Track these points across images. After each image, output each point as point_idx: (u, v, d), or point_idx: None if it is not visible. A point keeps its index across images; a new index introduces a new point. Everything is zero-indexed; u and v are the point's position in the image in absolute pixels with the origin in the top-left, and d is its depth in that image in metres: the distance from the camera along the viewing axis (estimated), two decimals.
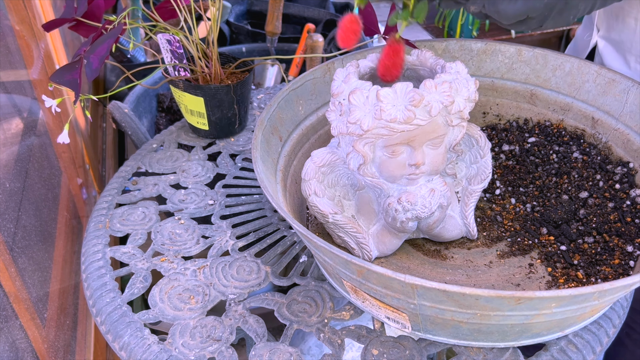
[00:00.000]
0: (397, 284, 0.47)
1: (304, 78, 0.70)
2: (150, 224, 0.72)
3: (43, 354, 0.73)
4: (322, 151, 0.59)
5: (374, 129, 0.53)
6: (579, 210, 0.65)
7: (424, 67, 0.59)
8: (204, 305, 0.61)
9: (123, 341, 0.58)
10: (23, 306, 0.69)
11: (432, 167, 0.57)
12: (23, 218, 0.75)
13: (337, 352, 0.56)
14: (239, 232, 0.71)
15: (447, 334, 0.54)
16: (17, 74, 0.90)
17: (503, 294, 0.44)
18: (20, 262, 0.70)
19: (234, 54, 1.29)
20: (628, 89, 0.66)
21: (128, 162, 0.84)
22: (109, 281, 0.64)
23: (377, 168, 0.57)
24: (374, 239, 0.62)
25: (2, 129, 0.76)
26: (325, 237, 0.65)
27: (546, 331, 0.53)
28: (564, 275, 0.59)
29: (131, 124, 1.00)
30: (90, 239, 0.70)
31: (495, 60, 0.75)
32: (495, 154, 0.74)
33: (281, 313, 0.60)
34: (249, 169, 0.83)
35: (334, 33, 1.34)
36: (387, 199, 0.58)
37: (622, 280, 0.44)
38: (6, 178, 0.72)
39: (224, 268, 0.66)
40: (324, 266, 0.61)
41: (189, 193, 0.78)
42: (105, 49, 0.64)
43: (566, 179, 0.69)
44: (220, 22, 0.94)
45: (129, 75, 0.75)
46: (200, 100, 0.82)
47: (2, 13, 0.87)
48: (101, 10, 0.71)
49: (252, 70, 0.86)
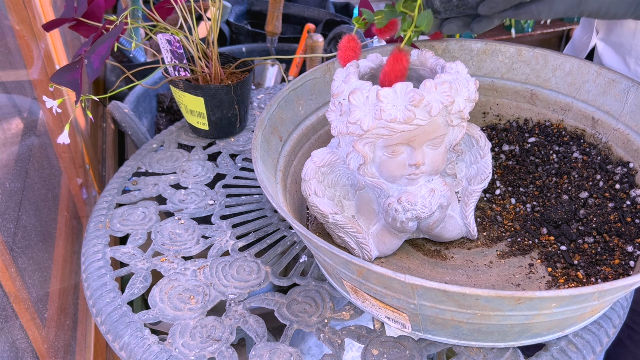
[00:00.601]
0: (397, 284, 0.47)
1: (304, 78, 0.70)
2: (150, 224, 0.72)
3: (43, 354, 0.73)
4: (322, 151, 0.59)
5: (374, 129, 0.53)
6: (579, 210, 0.65)
7: (424, 67, 0.59)
8: (204, 305, 0.61)
9: (123, 341, 0.58)
10: (23, 306, 0.69)
11: (432, 167, 0.57)
12: (23, 218, 0.75)
13: (337, 352, 0.56)
14: (239, 232, 0.71)
15: (447, 334, 0.54)
16: (17, 74, 0.90)
17: (503, 294, 0.44)
18: (20, 262, 0.70)
19: (234, 54, 1.29)
20: (628, 89, 0.66)
21: (128, 162, 0.84)
22: (109, 281, 0.64)
23: (377, 168, 0.57)
24: (374, 239, 0.62)
25: (2, 129, 0.76)
26: (325, 237, 0.65)
27: (546, 331, 0.53)
28: (564, 275, 0.59)
29: (131, 124, 1.00)
30: (90, 239, 0.70)
31: (495, 60, 0.75)
32: (495, 154, 0.74)
33: (281, 313, 0.60)
34: (249, 169, 0.83)
35: (334, 33, 1.34)
36: (387, 199, 0.58)
37: (622, 280, 0.44)
38: (6, 178, 0.72)
39: (224, 268, 0.66)
40: (324, 266, 0.61)
41: (189, 193, 0.78)
42: (106, 48, 0.64)
43: (566, 179, 0.69)
44: (220, 22, 0.94)
45: (129, 75, 0.75)
46: (200, 100, 0.82)
47: (2, 13, 0.87)
48: (101, 10, 0.71)
49: (252, 70, 0.86)
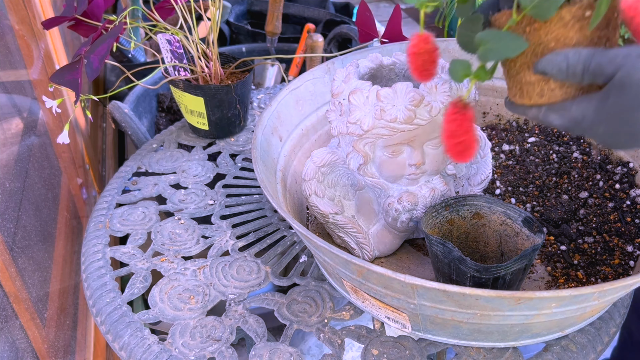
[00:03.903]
0: (397, 284, 0.47)
1: (303, 78, 0.70)
2: (150, 224, 0.72)
3: (43, 354, 0.73)
4: (322, 151, 0.59)
5: (374, 129, 0.53)
6: (579, 210, 0.65)
7: None
8: (204, 305, 0.61)
9: (123, 341, 0.58)
10: (23, 306, 0.69)
11: (432, 167, 0.57)
12: (23, 218, 0.75)
13: (337, 352, 0.56)
14: (239, 232, 0.71)
15: (447, 334, 0.54)
16: (17, 74, 0.90)
17: (503, 294, 0.44)
18: (20, 262, 0.70)
19: (234, 54, 1.29)
20: None
21: (128, 162, 0.84)
22: (109, 281, 0.64)
23: (377, 168, 0.57)
24: (374, 239, 0.62)
25: (2, 129, 0.76)
26: (325, 237, 0.65)
27: (546, 331, 0.53)
28: (564, 275, 0.59)
29: (131, 124, 1.00)
30: (90, 239, 0.70)
31: None
32: (495, 154, 0.74)
33: (281, 313, 0.60)
34: (249, 169, 0.83)
35: (334, 33, 1.34)
36: (388, 199, 0.58)
37: (622, 280, 0.44)
38: (6, 178, 0.72)
39: (224, 268, 0.66)
40: (324, 266, 0.61)
41: (189, 193, 0.78)
42: (106, 48, 0.64)
43: (566, 179, 0.69)
44: (220, 22, 0.94)
45: (129, 75, 0.75)
46: (200, 100, 0.82)
47: (2, 13, 0.87)
48: (101, 10, 0.71)
49: (252, 70, 0.86)
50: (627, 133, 0.39)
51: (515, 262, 0.50)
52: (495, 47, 0.40)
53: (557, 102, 0.43)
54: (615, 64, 0.38)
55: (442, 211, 0.57)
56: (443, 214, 0.57)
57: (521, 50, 0.40)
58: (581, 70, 0.40)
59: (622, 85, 0.38)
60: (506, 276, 0.50)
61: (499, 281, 0.51)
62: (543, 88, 0.43)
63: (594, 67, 0.39)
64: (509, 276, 0.51)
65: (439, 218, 0.57)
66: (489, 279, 0.50)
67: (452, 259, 0.51)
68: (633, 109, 0.38)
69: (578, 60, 0.40)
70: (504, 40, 0.40)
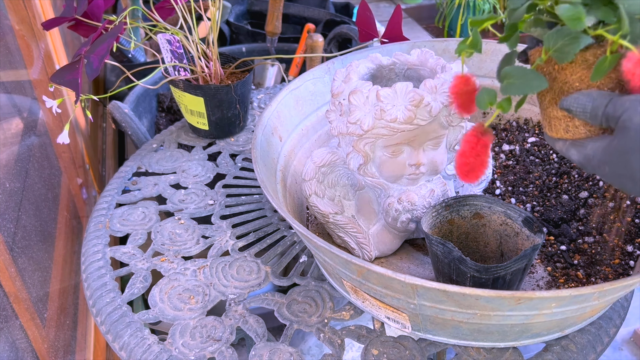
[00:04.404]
0: (397, 284, 0.47)
1: (303, 78, 0.70)
2: (150, 224, 0.72)
3: (43, 354, 0.73)
4: (322, 151, 0.59)
5: (374, 129, 0.53)
6: (579, 210, 0.65)
7: (425, 67, 0.59)
8: (204, 305, 0.61)
9: (123, 341, 0.58)
10: (23, 306, 0.69)
11: (432, 167, 0.57)
12: (23, 218, 0.75)
13: (337, 352, 0.56)
14: (239, 232, 0.71)
15: (447, 334, 0.54)
16: (17, 74, 0.90)
17: (503, 294, 0.44)
18: (20, 262, 0.70)
19: (234, 54, 1.29)
20: None
21: (128, 162, 0.84)
22: (109, 281, 0.64)
23: (377, 168, 0.57)
24: (374, 239, 0.62)
25: (2, 129, 0.76)
26: (325, 237, 0.65)
27: (546, 331, 0.53)
28: (564, 275, 0.59)
29: (131, 124, 1.00)
30: (90, 239, 0.70)
31: (496, 60, 0.75)
32: (495, 154, 0.74)
33: (281, 313, 0.60)
34: (249, 169, 0.83)
35: (334, 33, 1.34)
36: (388, 199, 0.58)
37: (622, 280, 0.44)
38: (6, 178, 0.72)
39: (224, 268, 0.66)
40: (324, 266, 0.61)
41: (189, 193, 0.78)
42: (105, 48, 0.64)
43: (566, 179, 0.69)
44: (220, 22, 0.94)
45: (129, 75, 0.75)
46: (200, 100, 0.82)
47: (2, 13, 0.87)
48: (101, 10, 0.71)
49: (252, 70, 0.86)
50: (629, 177, 0.39)
51: (515, 262, 0.50)
52: (517, 82, 0.41)
53: (580, 139, 0.44)
54: (623, 107, 0.39)
55: (442, 211, 0.57)
56: (443, 214, 0.57)
57: (540, 89, 0.41)
58: (600, 113, 0.41)
59: (624, 128, 0.39)
60: (506, 276, 0.50)
61: (499, 281, 0.51)
62: (568, 124, 0.44)
63: (609, 110, 0.40)
64: (509, 276, 0.51)
65: (439, 218, 0.57)
66: (489, 279, 0.50)
67: (452, 259, 0.51)
68: (633, 151, 0.38)
69: (599, 102, 0.41)
70: (526, 78, 0.41)
